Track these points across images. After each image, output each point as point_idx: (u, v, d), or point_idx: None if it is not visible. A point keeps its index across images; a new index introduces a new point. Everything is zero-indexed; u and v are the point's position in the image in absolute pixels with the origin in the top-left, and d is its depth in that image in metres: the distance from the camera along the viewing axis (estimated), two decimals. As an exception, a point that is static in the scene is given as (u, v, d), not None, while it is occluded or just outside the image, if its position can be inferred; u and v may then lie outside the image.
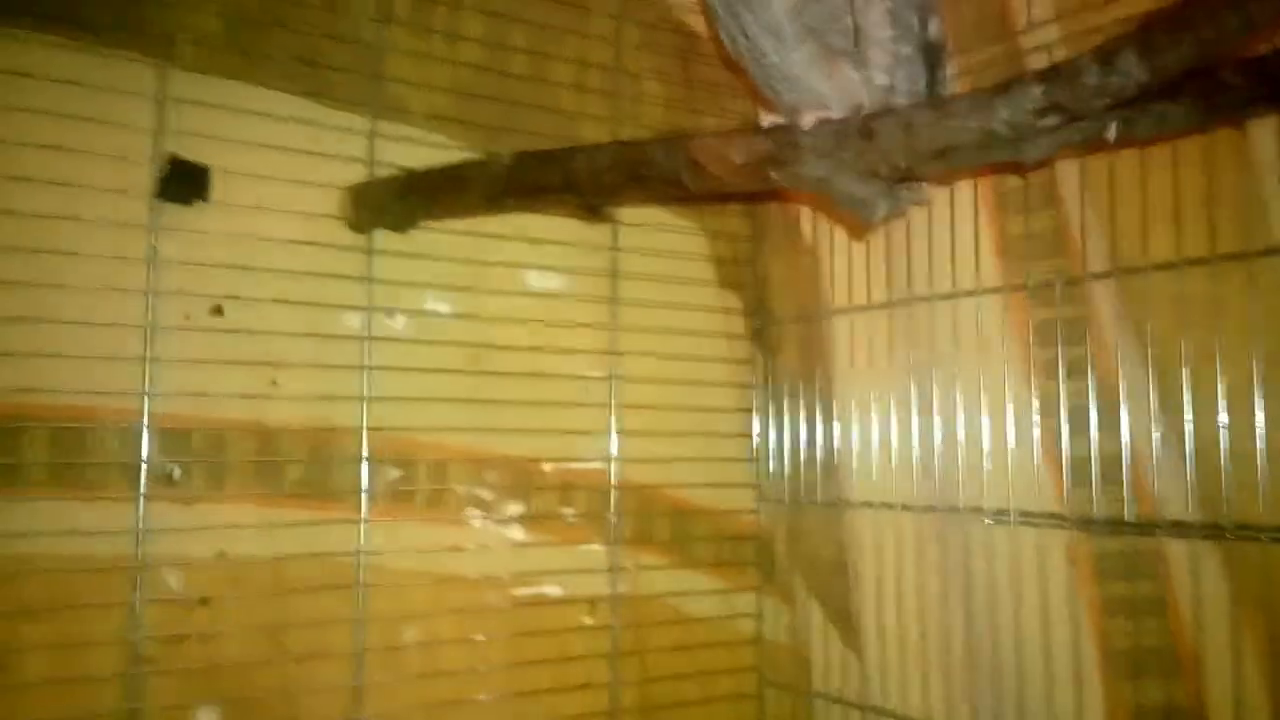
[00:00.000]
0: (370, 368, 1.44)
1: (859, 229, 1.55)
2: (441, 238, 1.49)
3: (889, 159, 1.02)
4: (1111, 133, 0.97)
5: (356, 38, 1.47)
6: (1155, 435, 1.27)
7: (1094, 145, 1.01)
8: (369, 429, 1.43)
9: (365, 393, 1.43)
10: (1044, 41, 1.42)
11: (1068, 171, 1.38)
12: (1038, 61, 1.42)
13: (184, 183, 1.33)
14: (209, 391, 1.34)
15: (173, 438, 1.31)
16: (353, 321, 1.44)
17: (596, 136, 1.64)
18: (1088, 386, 1.33)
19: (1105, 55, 0.83)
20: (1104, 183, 1.34)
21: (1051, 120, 0.89)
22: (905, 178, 1.10)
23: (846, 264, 1.68)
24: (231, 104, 1.37)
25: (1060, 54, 1.38)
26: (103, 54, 1.29)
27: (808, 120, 1.07)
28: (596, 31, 1.69)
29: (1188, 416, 1.23)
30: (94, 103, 1.28)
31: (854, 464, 1.65)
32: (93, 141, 1.27)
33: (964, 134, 0.95)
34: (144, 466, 1.28)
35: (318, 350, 1.41)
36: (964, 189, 1.49)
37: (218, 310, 1.35)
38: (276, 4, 1.41)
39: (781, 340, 1.80)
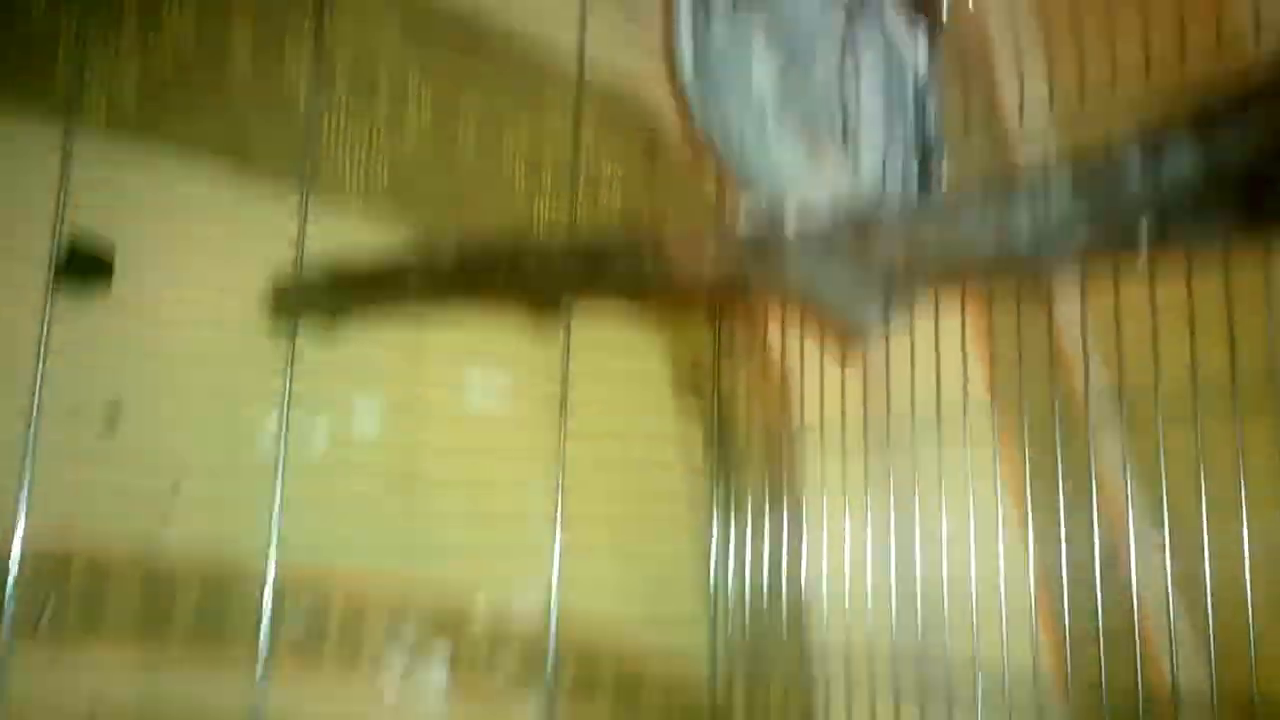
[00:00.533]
0: (283, 490, 1.26)
1: (850, 342, 1.42)
2: (373, 344, 1.33)
3: (887, 263, 0.89)
4: (1145, 240, 0.85)
5: (290, 111, 1.33)
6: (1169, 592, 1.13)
7: (1126, 252, 0.88)
8: (277, 561, 1.24)
9: (275, 519, 1.25)
10: (1037, 129, 1.31)
11: (1063, 277, 1.27)
12: (1031, 152, 1.32)
13: (84, 271, 1.17)
14: (92, 514, 1.15)
15: (45, 569, 1.12)
16: (266, 435, 1.27)
17: (551, 218, 1.51)
18: (1091, 527, 1.19)
19: (1151, 144, 0.70)
20: (1106, 291, 1.22)
21: (1083, 223, 0.76)
22: (906, 283, 0.97)
23: (818, 376, 1.54)
24: (144, 180, 1.22)
25: (1056, 145, 1.29)
26: (-3, 115, 1.14)
27: (793, 213, 0.94)
28: (553, 117, 1.56)
29: (1207, 569, 1.09)
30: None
31: (825, 602, 1.49)
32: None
33: (978, 236, 0.82)
34: (8, 606, 1.09)
35: (222, 469, 1.24)
36: (948, 292, 1.37)
37: (109, 420, 1.18)
38: (201, 68, 1.27)
39: (745, 459, 1.65)
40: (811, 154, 1.01)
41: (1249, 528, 1.06)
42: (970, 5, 1.17)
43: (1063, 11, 1.27)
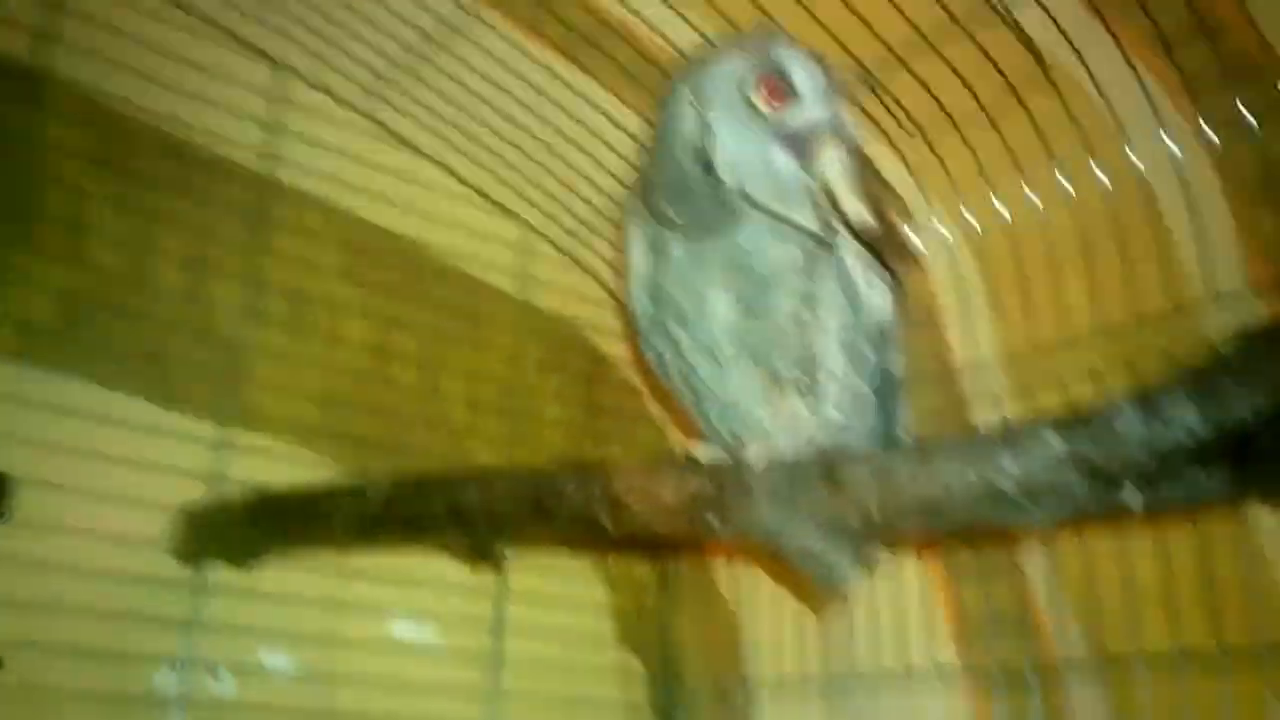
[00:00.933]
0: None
1: (817, 596, 1.33)
2: (290, 574, 1.22)
3: (861, 511, 0.82)
4: (1134, 500, 0.80)
5: (216, 333, 1.27)
6: None
7: (1113, 513, 0.83)
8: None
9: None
10: (989, 388, 1.29)
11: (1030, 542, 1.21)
12: (982, 409, 1.29)
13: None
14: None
15: None
16: (165, 677, 1.14)
17: (489, 458, 1.44)
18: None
19: (1148, 399, 0.66)
20: (1076, 557, 1.17)
21: (1074, 478, 0.71)
22: (879, 535, 0.90)
23: (773, 628, 1.44)
24: (53, 401, 1.14)
25: (1011, 404, 1.27)
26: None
27: (756, 455, 0.88)
28: (494, 344, 1.52)
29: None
30: None
31: None
32: None
33: (959, 487, 0.76)
34: None
35: (114, 714, 1.11)
36: (911, 547, 1.31)
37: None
38: (123, 288, 1.21)
39: (693, 705, 1.52)
40: (771, 393, 0.96)
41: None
42: (921, 264, 1.18)
43: (1008, 269, 1.28)
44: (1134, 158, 1.16)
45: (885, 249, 0.88)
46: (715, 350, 0.96)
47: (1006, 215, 1.27)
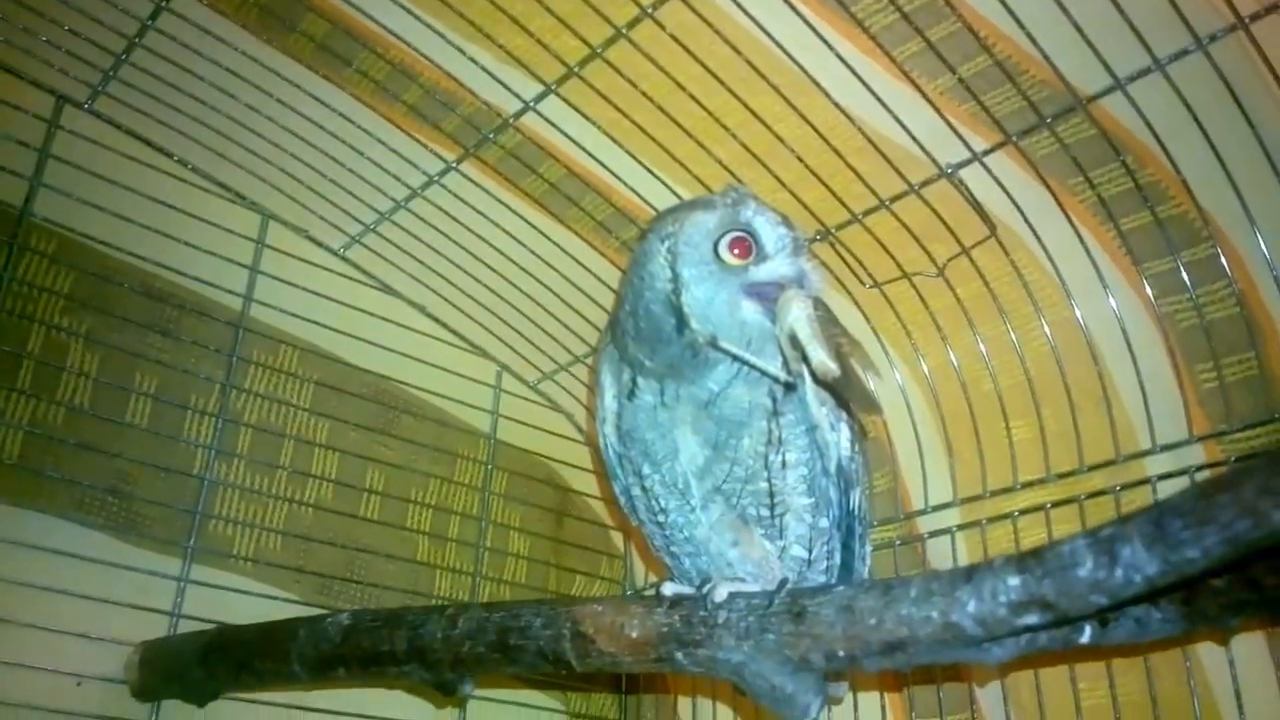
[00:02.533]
0: None
1: None
2: (246, 709, 1.20)
3: (825, 647, 0.84)
4: (1085, 636, 0.83)
5: (183, 469, 1.28)
6: None
7: (1067, 650, 0.86)
8: None
9: None
10: (943, 526, 1.32)
11: (985, 675, 1.23)
12: (937, 547, 1.32)
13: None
14: None
15: None
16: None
17: (453, 592, 1.43)
18: None
19: (1104, 543, 0.69)
20: (1028, 687, 1.18)
21: (1033, 618, 0.74)
22: (843, 673, 0.92)
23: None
24: (11, 535, 1.13)
25: (962, 543, 1.30)
26: None
27: (722, 592, 0.90)
28: (463, 479, 1.53)
29: None
30: None
31: None
32: None
33: (921, 626, 0.78)
34: None
35: None
36: (869, 687, 1.31)
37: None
38: (94, 425, 1.22)
39: None
40: (739, 532, 0.99)
41: None
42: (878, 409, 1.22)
43: (958, 402, 1.33)
44: (1079, 313, 1.22)
45: (848, 394, 0.93)
46: (684, 490, 0.99)
47: (958, 365, 1.33)
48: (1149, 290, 1.18)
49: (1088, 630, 0.83)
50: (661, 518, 1.01)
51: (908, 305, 1.35)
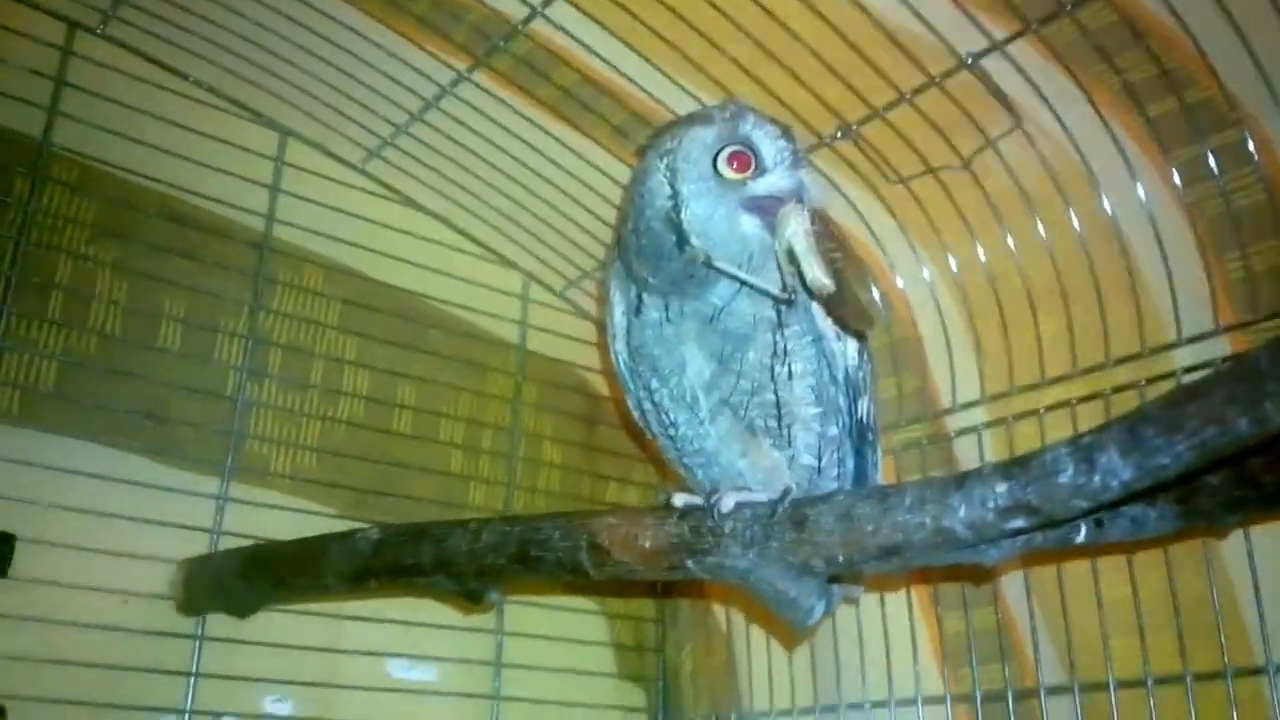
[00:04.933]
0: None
1: (789, 633, 1.35)
2: (289, 620, 1.26)
3: (826, 553, 0.86)
4: (1081, 536, 0.83)
5: (216, 391, 1.31)
6: None
7: (1063, 550, 0.86)
8: None
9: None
10: (971, 423, 1.32)
11: (1009, 567, 1.24)
12: (964, 445, 1.32)
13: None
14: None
15: None
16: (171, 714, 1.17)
17: (487, 502, 1.47)
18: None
19: (1083, 450, 0.69)
20: (1052, 583, 1.19)
21: (1019, 522, 0.74)
22: (843, 575, 0.93)
23: (766, 660, 1.46)
24: (53, 463, 1.17)
25: (989, 441, 1.29)
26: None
27: (728, 502, 0.91)
28: (493, 391, 1.55)
29: None
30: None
31: None
32: None
33: (915, 531, 0.79)
34: None
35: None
36: (896, 585, 1.33)
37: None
38: (124, 350, 1.26)
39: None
40: (747, 443, 1.00)
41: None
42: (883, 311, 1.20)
43: (987, 300, 1.31)
44: (1107, 203, 1.19)
45: (843, 310, 0.92)
46: (693, 403, 0.99)
47: (986, 261, 1.30)
48: (1176, 178, 1.14)
49: (1084, 530, 0.83)
50: (672, 431, 1.03)
51: (934, 202, 1.32)
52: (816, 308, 0.97)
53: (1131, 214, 1.18)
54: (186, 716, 1.18)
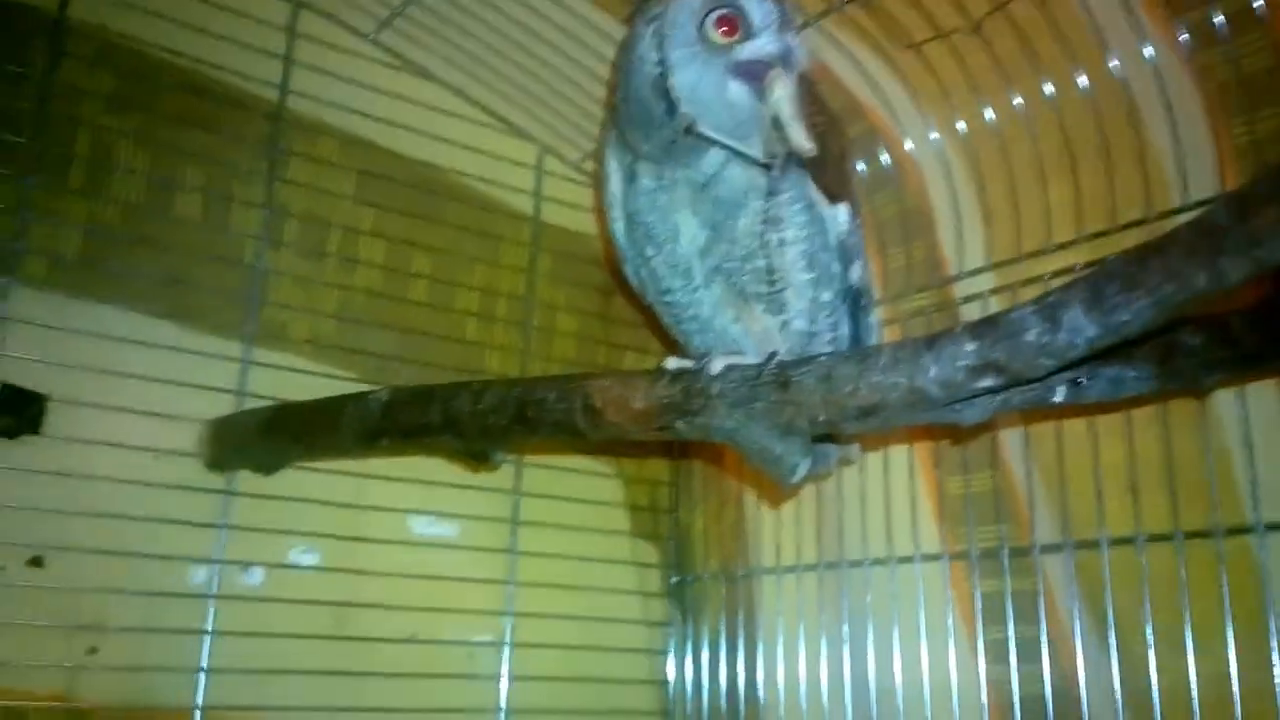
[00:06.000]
0: (212, 632, 1.23)
1: (776, 489, 1.40)
2: (313, 477, 1.32)
3: (808, 413, 0.88)
4: (1059, 396, 0.85)
5: (236, 259, 1.35)
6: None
7: (1040, 409, 0.88)
8: (204, 708, 1.20)
9: (204, 662, 1.21)
10: (977, 290, 1.33)
11: (1009, 429, 1.27)
12: (971, 313, 1.33)
13: (14, 413, 1.16)
14: (14, 660, 1.12)
15: None
16: (198, 576, 1.25)
17: (503, 369, 1.51)
18: (1042, 674, 1.17)
19: (1048, 309, 0.71)
20: (1051, 445, 1.21)
21: (989, 380, 0.76)
22: (828, 435, 0.96)
23: (775, 519, 1.52)
24: (82, 326, 1.22)
25: (996, 308, 1.30)
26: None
27: (717, 365, 0.94)
28: (508, 261, 1.58)
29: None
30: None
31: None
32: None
33: (891, 391, 0.82)
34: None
35: (151, 611, 1.21)
36: (898, 441, 1.36)
37: (36, 562, 1.16)
38: (146, 219, 1.29)
39: (703, 599, 1.61)
40: (740, 309, 1.02)
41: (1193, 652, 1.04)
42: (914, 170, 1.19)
43: (996, 165, 1.30)
44: (1115, 66, 1.17)
45: (824, 176, 0.92)
46: (687, 270, 1.02)
47: (996, 124, 1.29)
48: (1185, 40, 1.12)
49: (1061, 390, 0.85)
50: (668, 297, 1.05)
51: (945, 66, 1.30)
52: (809, 180, 0.97)
53: (1140, 77, 1.16)
54: (217, 566, 1.25)
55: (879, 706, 1.32)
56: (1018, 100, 1.26)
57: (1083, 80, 1.20)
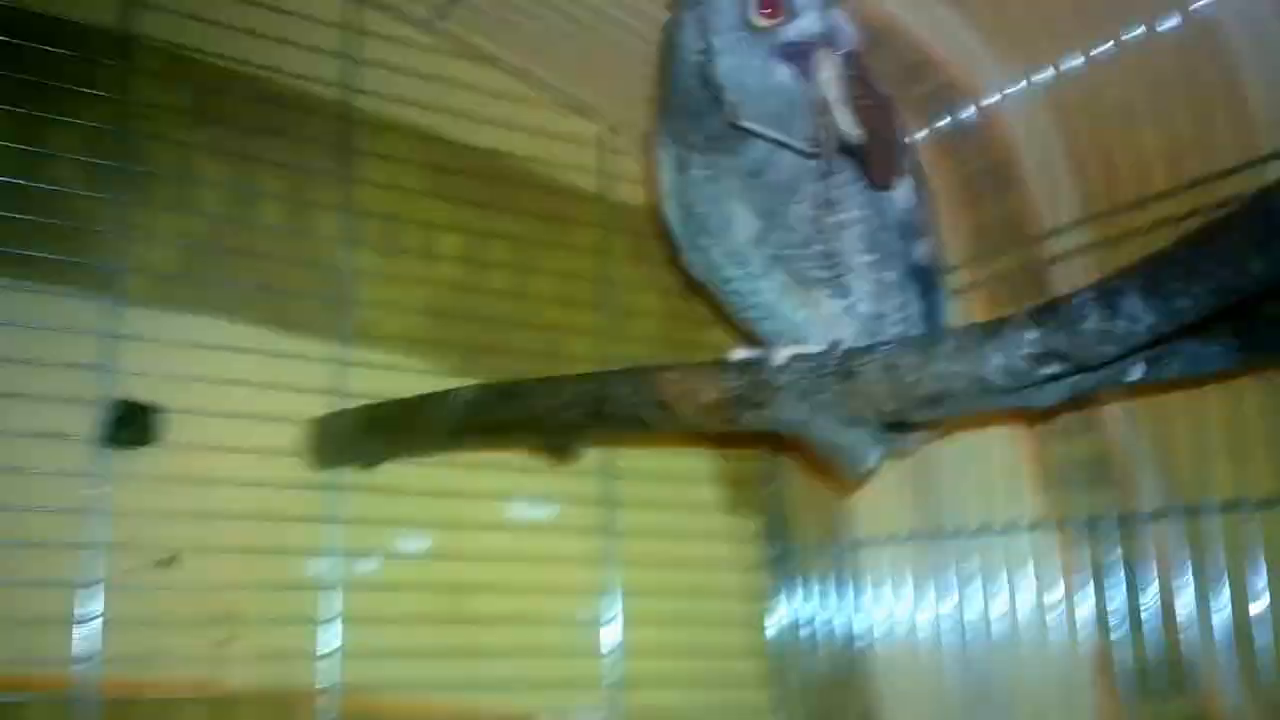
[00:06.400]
0: (338, 619, 1.29)
1: (845, 480, 1.37)
2: (414, 470, 1.35)
3: (874, 403, 0.87)
4: (1135, 375, 0.81)
5: (323, 262, 1.38)
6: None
7: (1115, 388, 0.85)
8: (336, 688, 1.27)
9: (334, 648, 1.28)
10: (1070, 247, 1.27)
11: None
12: (1064, 273, 1.28)
13: (132, 426, 1.23)
14: (157, 654, 1.19)
15: (115, 709, 1.16)
16: (317, 568, 1.30)
17: (586, 352, 1.53)
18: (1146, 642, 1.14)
19: (1106, 296, 0.68)
20: (1154, 409, 1.17)
21: (1053, 368, 0.74)
22: (897, 423, 0.94)
23: (872, 489, 1.50)
24: (185, 338, 1.27)
25: (1092, 263, 1.25)
26: (47, 292, 1.21)
27: (781, 356, 0.93)
28: (583, 243, 1.59)
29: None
30: (37, 344, 1.18)
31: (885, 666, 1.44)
32: (35, 386, 1.16)
33: (954, 380, 0.80)
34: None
35: (279, 602, 1.27)
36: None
37: (168, 562, 1.23)
38: (235, 231, 1.34)
39: (804, 570, 1.61)
40: (802, 295, 1.00)
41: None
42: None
43: (1085, 128, 1.24)
44: (1204, 4, 1.10)
45: (873, 161, 0.89)
46: (744, 259, 0.99)
47: (1082, 72, 1.23)
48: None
49: (1136, 370, 0.82)
50: (729, 286, 1.03)
51: (1024, 14, 1.24)
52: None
53: (1234, 15, 1.09)
54: (333, 558, 1.31)
55: (986, 672, 1.30)
56: (1104, 45, 1.20)
57: (1173, 20, 1.14)
